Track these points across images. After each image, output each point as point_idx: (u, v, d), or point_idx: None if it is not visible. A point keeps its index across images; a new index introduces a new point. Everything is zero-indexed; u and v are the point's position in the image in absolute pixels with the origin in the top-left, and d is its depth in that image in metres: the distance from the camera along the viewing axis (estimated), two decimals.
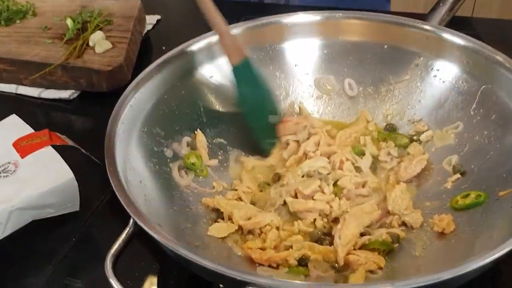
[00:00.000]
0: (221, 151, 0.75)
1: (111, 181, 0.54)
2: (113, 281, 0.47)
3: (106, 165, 0.56)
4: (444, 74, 0.75)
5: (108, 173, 0.55)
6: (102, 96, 0.90)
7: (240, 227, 0.62)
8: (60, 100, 0.91)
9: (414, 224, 0.62)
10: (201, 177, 0.71)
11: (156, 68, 0.72)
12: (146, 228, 0.49)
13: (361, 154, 0.71)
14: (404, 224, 0.63)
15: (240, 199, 0.68)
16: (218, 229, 0.62)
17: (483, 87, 0.70)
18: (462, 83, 0.73)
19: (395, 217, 0.63)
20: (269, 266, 0.58)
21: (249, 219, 0.63)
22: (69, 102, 0.91)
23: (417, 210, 0.63)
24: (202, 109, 0.76)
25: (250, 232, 0.62)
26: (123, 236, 0.51)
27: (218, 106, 0.77)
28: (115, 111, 0.64)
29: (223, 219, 0.64)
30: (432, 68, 0.76)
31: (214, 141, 0.75)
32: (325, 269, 0.57)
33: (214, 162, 0.73)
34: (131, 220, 0.52)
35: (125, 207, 0.51)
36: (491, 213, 0.58)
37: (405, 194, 0.65)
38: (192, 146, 0.73)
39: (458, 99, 0.73)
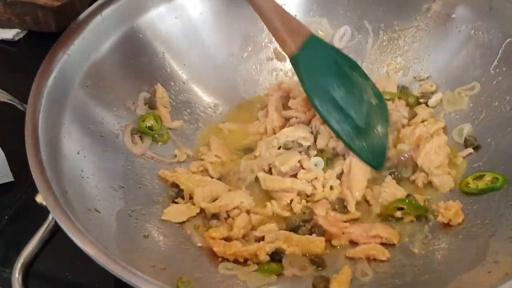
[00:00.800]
0: (188, 110, 0.62)
1: (29, 160, 0.42)
2: None
3: (25, 136, 0.44)
4: (461, 21, 0.61)
5: (26, 150, 0.43)
6: (52, 38, 0.75)
7: (203, 210, 0.51)
8: (3, 42, 0.77)
9: (442, 188, 0.52)
10: (160, 143, 0.59)
11: (105, 5, 0.57)
12: (65, 229, 0.38)
13: None
14: (430, 183, 0.52)
15: (206, 171, 0.56)
16: (175, 213, 0.51)
17: (508, 39, 0.57)
18: (483, 34, 0.59)
19: (421, 175, 0.53)
20: (235, 261, 0.47)
21: (215, 200, 0.51)
22: (14, 44, 0.77)
23: (452, 171, 0.53)
24: (165, 56, 0.62)
25: (215, 216, 0.51)
26: (40, 234, 0.40)
27: (186, 53, 0.63)
28: (45, 63, 0.51)
29: (183, 198, 0.53)
30: (447, 14, 0.62)
31: (179, 97, 0.62)
32: (303, 266, 0.46)
33: (178, 124, 0.61)
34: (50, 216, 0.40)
35: (43, 198, 0.39)
36: (511, 202, 0.47)
37: (442, 149, 0.53)
38: (151, 104, 0.60)
39: (476, 54, 0.60)
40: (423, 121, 0.57)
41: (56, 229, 0.40)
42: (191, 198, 0.52)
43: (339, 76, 0.54)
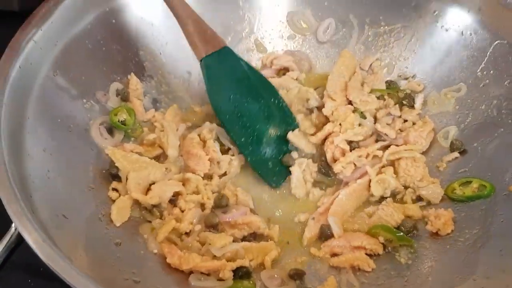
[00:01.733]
0: (163, 103, 0.59)
1: None
2: None
3: None
4: (449, 20, 0.59)
5: None
6: (15, 17, 0.69)
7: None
8: None
9: (433, 200, 0.50)
10: (133, 138, 0.55)
11: None
12: (29, 242, 0.34)
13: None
14: (420, 198, 0.51)
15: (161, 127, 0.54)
16: (120, 209, 0.47)
17: (497, 42, 0.56)
18: (471, 34, 0.58)
19: (409, 191, 0.51)
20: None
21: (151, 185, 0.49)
22: None
23: (435, 180, 0.52)
24: (139, 44, 0.58)
25: (156, 206, 0.49)
26: (4, 244, 0.36)
27: (162, 41, 0.59)
28: (9, 50, 0.46)
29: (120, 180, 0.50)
30: (435, 12, 0.60)
31: (154, 91, 0.58)
32: (281, 282, 0.44)
33: (150, 114, 0.57)
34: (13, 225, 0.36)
35: (5, 205, 0.35)
36: (499, 211, 0.46)
37: (419, 161, 0.52)
38: (124, 96, 0.56)
39: (463, 55, 0.58)
40: (413, 124, 0.55)
41: (21, 238, 0.36)
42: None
43: (246, 87, 0.55)
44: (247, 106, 0.55)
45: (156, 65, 0.59)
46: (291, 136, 0.55)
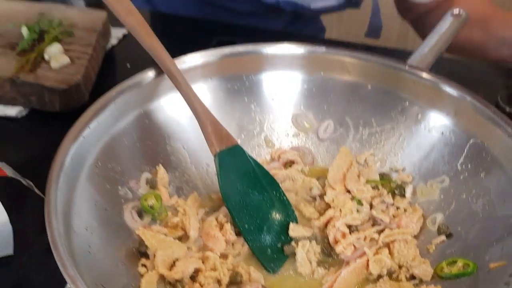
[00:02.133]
0: (184, 191, 0.67)
1: (48, 233, 0.45)
2: None
3: (45, 213, 0.47)
4: (431, 122, 0.69)
5: (46, 223, 0.46)
6: (55, 116, 0.80)
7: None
8: (6, 118, 0.81)
9: (424, 277, 0.56)
10: (158, 221, 0.62)
11: (117, 94, 0.63)
12: None
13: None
14: (413, 277, 0.57)
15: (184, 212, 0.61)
16: (148, 283, 0.53)
17: (471, 141, 0.65)
18: (450, 134, 0.68)
19: (403, 270, 0.57)
20: None
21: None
22: (16, 120, 0.81)
23: (426, 261, 0.58)
24: (167, 140, 0.68)
25: (179, 282, 0.54)
26: None
27: (187, 138, 0.69)
28: (64, 145, 0.55)
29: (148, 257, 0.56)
30: (418, 115, 0.70)
31: (177, 180, 0.67)
32: None
33: (174, 200, 0.65)
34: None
35: (61, 269, 0.42)
36: (481, 286, 0.52)
37: (411, 243, 0.59)
38: (152, 185, 0.64)
39: (444, 151, 0.68)
40: (405, 211, 0.63)
41: None
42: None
43: (252, 181, 0.63)
44: (252, 197, 0.62)
45: (180, 158, 0.68)
46: (291, 228, 0.62)
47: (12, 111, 0.81)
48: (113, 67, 0.95)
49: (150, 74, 0.66)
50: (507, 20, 1.00)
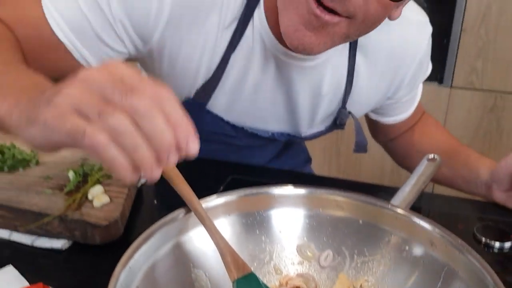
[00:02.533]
0: None
1: None
2: None
3: None
4: (413, 252, 0.83)
5: None
6: (94, 248, 0.94)
7: None
8: (52, 250, 0.95)
9: None
10: None
11: (159, 228, 0.78)
12: None
13: None
14: None
15: None
16: None
17: (446, 267, 0.79)
18: (429, 262, 0.81)
19: None
20: None
21: None
22: (61, 252, 0.95)
23: None
24: (192, 268, 0.81)
25: None
26: None
27: (211, 263, 0.82)
28: (115, 274, 0.68)
29: None
30: (402, 246, 0.85)
31: None
32: None
33: None
34: None
35: None
36: None
37: None
38: None
39: (425, 276, 0.81)
40: None
41: None
42: None
43: None
44: None
45: (202, 285, 0.81)
46: None
47: (58, 243, 0.95)
48: (141, 204, 1.11)
49: (181, 212, 0.82)
50: (468, 157, 1.16)
